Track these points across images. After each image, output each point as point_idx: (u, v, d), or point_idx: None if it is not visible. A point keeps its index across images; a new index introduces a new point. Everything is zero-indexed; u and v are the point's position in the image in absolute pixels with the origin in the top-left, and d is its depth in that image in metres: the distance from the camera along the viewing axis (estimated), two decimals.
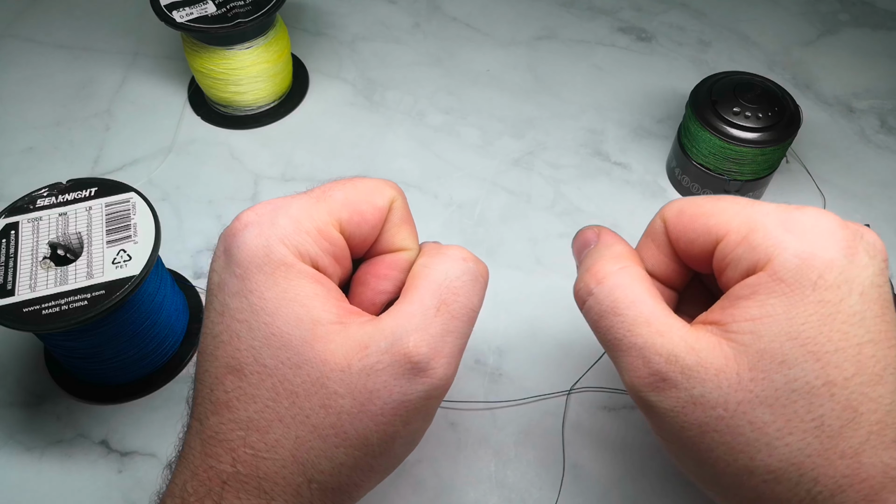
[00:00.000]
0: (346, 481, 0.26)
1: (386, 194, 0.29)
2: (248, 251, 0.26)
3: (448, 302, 0.26)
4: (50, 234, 0.37)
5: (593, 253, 0.29)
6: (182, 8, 0.50)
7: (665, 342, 0.25)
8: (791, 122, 0.47)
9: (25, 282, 0.35)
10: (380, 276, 0.29)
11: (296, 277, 0.26)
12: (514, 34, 0.63)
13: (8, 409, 0.42)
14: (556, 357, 0.44)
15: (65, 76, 0.59)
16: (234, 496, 0.25)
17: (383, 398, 0.25)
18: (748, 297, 0.24)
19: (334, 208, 0.27)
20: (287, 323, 0.25)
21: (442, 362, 0.26)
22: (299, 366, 0.25)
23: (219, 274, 0.27)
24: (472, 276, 0.28)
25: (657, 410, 0.25)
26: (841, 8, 0.66)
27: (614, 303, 0.26)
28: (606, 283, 0.27)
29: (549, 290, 0.47)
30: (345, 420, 0.25)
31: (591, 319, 0.28)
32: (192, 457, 0.26)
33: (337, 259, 0.28)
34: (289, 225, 0.26)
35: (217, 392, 0.26)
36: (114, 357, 0.39)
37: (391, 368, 0.25)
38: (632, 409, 0.42)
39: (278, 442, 0.25)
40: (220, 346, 0.26)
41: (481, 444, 0.40)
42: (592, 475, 0.39)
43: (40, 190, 0.39)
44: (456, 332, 0.26)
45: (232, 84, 0.53)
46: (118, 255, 0.36)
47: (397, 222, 0.29)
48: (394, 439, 0.26)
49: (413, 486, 0.39)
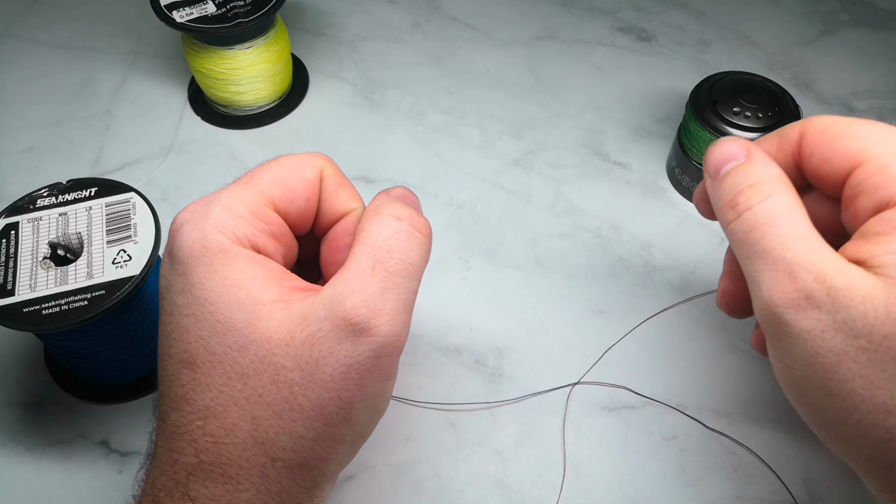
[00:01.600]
0: (310, 455, 0.26)
1: (313, 165, 0.29)
2: (187, 247, 0.26)
3: (383, 260, 0.26)
4: (50, 234, 0.37)
5: (750, 170, 0.27)
6: (182, 8, 0.50)
7: (816, 261, 0.24)
8: (791, 122, 0.47)
9: (25, 282, 0.35)
10: (339, 248, 0.30)
11: (234, 262, 0.26)
12: (514, 34, 0.63)
13: (8, 409, 0.42)
14: (556, 357, 0.44)
15: (65, 76, 0.59)
16: (200, 485, 0.25)
17: (331, 364, 0.25)
18: (888, 232, 0.24)
19: (264, 189, 0.28)
20: (230, 308, 0.25)
21: (384, 319, 0.25)
22: (246, 347, 0.25)
23: (165, 277, 0.28)
24: (406, 232, 0.27)
25: (792, 331, 0.24)
26: (841, 8, 0.66)
27: (773, 217, 0.26)
28: (770, 201, 0.26)
29: (549, 290, 0.47)
30: (297, 392, 0.25)
31: (741, 230, 0.26)
32: (159, 454, 0.26)
33: (276, 237, 0.28)
34: (222, 213, 0.27)
35: (175, 388, 0.26)
36: (114, 357, 0.39)
37: (332, 333, 0.25)
38: (632, 409, 0.42)
39: (236, 425, 0.25)
40: (173, 343, 0.27)
41: (481, 444, 0.40)
42: (592, 475, 0.39)
43: (40, 190, 0.39)
44: (396, 287, 0.26)
45: (232, 84, 0.53)
46: (118, 256, 0.36)
47: (333, 188, 0.29)
48: (351, 405, 0.26)
49: (413, 486, 0.39)
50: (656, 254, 0.49)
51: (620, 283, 0.47)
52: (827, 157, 0.27)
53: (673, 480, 0.39)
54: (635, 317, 0.45)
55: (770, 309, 0.25)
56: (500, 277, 0.47)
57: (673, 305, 0.46)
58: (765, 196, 0.26)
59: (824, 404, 0.24)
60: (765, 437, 0.41)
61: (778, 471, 0.40)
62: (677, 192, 0.52)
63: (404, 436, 0.41)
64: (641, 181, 0.53)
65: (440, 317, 0.45)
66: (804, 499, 0.39)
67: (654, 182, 0.53)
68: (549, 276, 0.48)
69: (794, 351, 0.24)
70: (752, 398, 0.42)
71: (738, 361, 0.44)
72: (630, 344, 0.44)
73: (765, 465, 0.40)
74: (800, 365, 0.24)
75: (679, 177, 0.51)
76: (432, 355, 0.44)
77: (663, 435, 0.41)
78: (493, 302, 0.46)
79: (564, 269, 0.48)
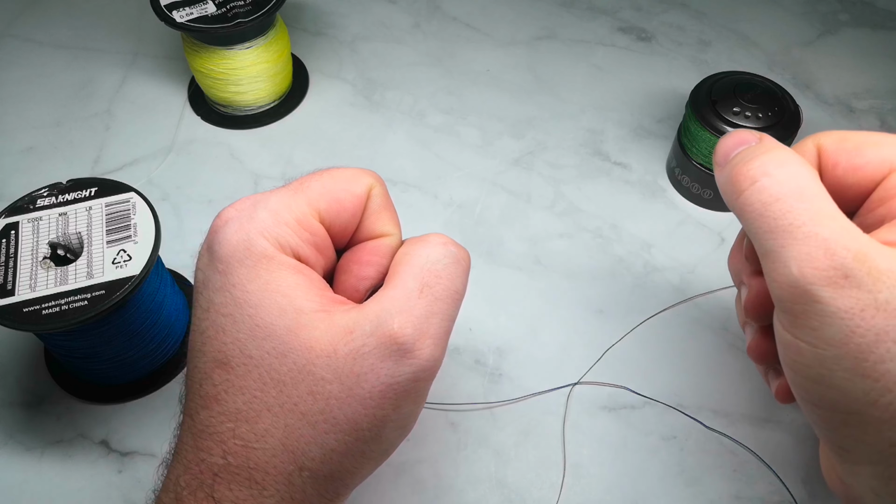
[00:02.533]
0: (337, 468, 0.26)
1: (363, 181, 0.29)
2: (230, 246, 0.26)
3: (430, 284, 0.26)
4: (50, 234, 0.37)
5: (762, 146, 0.27)
6: (182, 8, 0.50)
7: (852, 239, 0.23)
8: (791, 122, 0.47)
9: (25, 282, 0.35)
10: (361, 262, 0.29)
11: (277, 269, 0.26)
12: (514, 34, 0.63)
13: (8, 409, 0.42)
14: (556, 357, 0.44)
15: (65, 76, 0.59)
16: (225, 487, 0.25)
17: (371, 381, 0.25)
18: None
19: (312, 198, 0.27)
20: (270, 313, 0.25)
21: (428, 343, 0.25)
22: (285, 354, 0.25)
23: (203, 271, 0.27)
24: (454, 259, 0.28)
25: (826, 309, 0.23)
26: (841, 8, 0.66)
27: (800, 188, 0.25)
28: (790, 168, 0.25)
29: (549, 290, 0.47)
30: (333, 405, 0.25)
31: (762, 201, 0.25)
32: (185, 451, 0.26)
33: (319, 249, 0.28)
34: (268, 218, 0.26)
35: (206, 386, 0.26)
36: (114, 357, 0.39)
37: (377, 351, 0.25)
38: (632, 409, 0.42)
39: (268, 431, 0.25)
40: (207, 341, 0.26)
41: (481, 444, 0.40)
42: (592, 475, 0.39)
43: (40, 190, 0.39)
44: (440, 313, 0.26)
45: (232, 84, 0.53)
46: (118, 255, 0.36)
47: (377, 209, 0.29)
48: (384, 423, 0.26)
49: (413, 486, 0.39)
50: (656, 254, 0.49)
51: (620, 283, 0.47)
52: (857, 165, 0.27)
53: (673, 480, 0.39)
54: (635, 317, 0.45)
55: (801, 286, 0.24)
56: (500, 277, 0.47)
57: (673, 305, 0.46)
58: (783, 163, 0.25)
59: (853, 386, 0.23)
60: (765, 437, 0.41)
61: (778, 471, 0.40)
62: (677, 192, 0.52)
63: None
64: (641, 181, 0.53)
65: None
66: (804, 499, 0.39)
67: (654, 182, 0.53)
68: (549, 276, 0.48)
69: (824, 330, 0.23)
70: (752, 398, 0.42)
71: (738, 361, 0.44)
72: (630, 344, 0.44)
73: (765, 465, 0.40)
74: (829, 345, 0.23)
75: (679, 177, 0.51)
76: None
77: (663, 435, 0.41)
78: (493, 302, 0.46)
79: (564, 269, 0.48)
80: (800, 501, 0.39)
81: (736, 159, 0.27)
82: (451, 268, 0.27)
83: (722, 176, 0.28)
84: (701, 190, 0.50)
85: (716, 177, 0.28)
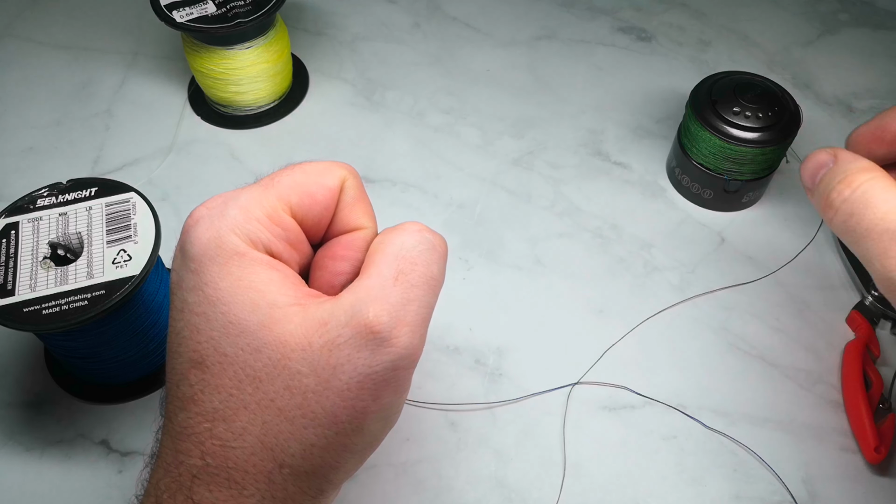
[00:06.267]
0: (319, 463, 0.25)
1: (336, 174, 0.28)
2: (201, 245, 0.26)
3: (406, 271, 0.26)
4: (50, 234, 0.37)
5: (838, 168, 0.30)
6: (182, 8, 0.50)
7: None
8: (791, 122, 0.47)
9: (25, 282, 0.35)
10: (336, 257, 0.29)
11: (249, 265, 0.26)
12: (514, 34, 0.63)
13: (8, 409, 0.42)
14: (556, 357, 0.44)
15: (65, 76, 0.59)
16: (204, 489, 0.25)
17: (348, 372, 0.24)
18: None
19: (283, 193, 0.27)
20: (243, 310, 0.25)
21: (405, 331, 0.25)
22: (259, 350, 0.25)
23: (177, 272, 0.27)
24: (429, 245, 0.27)
25: None
26: (841, 8, 0.66)
27: (867, 200, 0.28)
28: (862, 188, 0.28)
29: (549, 290, 0.47)
30: (310, 399, 0.25)
31: (841, 221, 0.29)
32: (165, 454, 0.26)
33: (292, 244, 0.28)
34: (238, 215, 0.26)
35: (183, 387, 0.26)
36: (114, 357, 0.39)
37: (353, 341, 0.24)
38: (632, 409, 0.42)
39: (245, 429, 0.25)
40: (182, 341, 0.26)
41: (481, 444, 0.40)
42: (592, 475, 0.39)
43: (40, 190, 0.39)
44: (417, 300, 0.26)
45: (232, 84, 0.53)
46: (118, 255, 0.36)
47: (350, 202, 0.29)
48: (365, 415, 0.25)
49: (413, 486, 0.39)
50: (656, 253, 0.49)
51: (620, 283, 0.47)
52: None
53: (673, 480, 0.39)
54: (635, 317, 0.45)
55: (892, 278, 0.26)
56: (500, 277, 0.47)
57: (673, 305, 0.46)
58: (856, 185, 0.28)
59: None
60: (765, 437, 0.41)
61: (778, 471, 0.40)
62: (677, 192, 0.52)
63: (404, 436, 0.41)
64: (641, 181, 0.53)
65: (440, 316, 0.45)
66: (804, 499, 0.39)
67: (654, 182, 0.53)
68: (549, 275, 0.48)
69: None
70: (752, 398, 0.42)
71: (738, 361, 0.44)
72: (630, 344, 0.44)
73: (765, 465, 0.40)
74: None
75: (679, 177, 0.51)
76: (432, 355, 0.44)
77: (663, 435, 0.41)
78: (493, 302, 0.46)
79: (564, 269, 0.48)
80: (800, 501, 0.39)
81: (819, 190, 0.30)
82: (427, 254, 0.27)
83: (813, 202, 0.31)
84: (701, 190, 0.50)
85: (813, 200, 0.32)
